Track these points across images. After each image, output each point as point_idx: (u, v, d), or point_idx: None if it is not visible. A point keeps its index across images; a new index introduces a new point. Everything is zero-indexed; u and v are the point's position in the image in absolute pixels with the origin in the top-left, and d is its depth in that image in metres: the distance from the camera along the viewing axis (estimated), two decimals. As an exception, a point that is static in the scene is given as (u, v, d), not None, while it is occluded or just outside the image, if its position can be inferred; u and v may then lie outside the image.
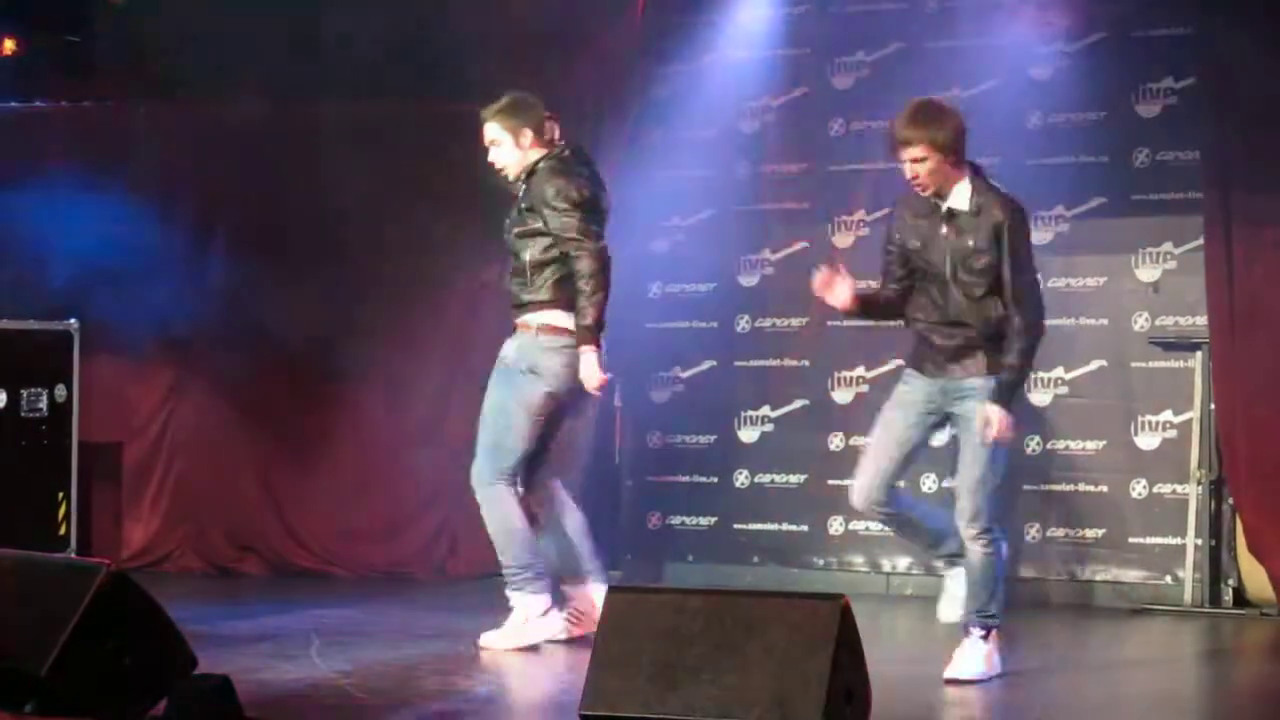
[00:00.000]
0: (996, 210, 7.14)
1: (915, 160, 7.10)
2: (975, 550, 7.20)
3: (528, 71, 10.02)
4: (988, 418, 7.08)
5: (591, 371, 7.82)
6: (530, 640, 7.94)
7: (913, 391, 7.34)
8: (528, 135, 8.06)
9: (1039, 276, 7.39)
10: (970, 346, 7.19)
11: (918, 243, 7.26)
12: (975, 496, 7.17)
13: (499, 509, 7.96)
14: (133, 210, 10.31)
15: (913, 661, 7.53)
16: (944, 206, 7.19)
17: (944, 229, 7.19)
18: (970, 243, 7.13)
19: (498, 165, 8.11)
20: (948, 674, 7.17)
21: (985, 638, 7.22)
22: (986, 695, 7.11)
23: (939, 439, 7.52)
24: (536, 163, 8.04)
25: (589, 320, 7.83)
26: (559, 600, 8.10)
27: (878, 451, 7.36)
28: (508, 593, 8.06)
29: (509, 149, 8.07)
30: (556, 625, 8.05)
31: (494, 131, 8.09)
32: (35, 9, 10.15)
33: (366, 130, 10.26)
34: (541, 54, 10.11)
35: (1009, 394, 7.14)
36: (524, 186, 8.06)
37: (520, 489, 8.05)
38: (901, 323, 7.46)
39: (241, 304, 10.44)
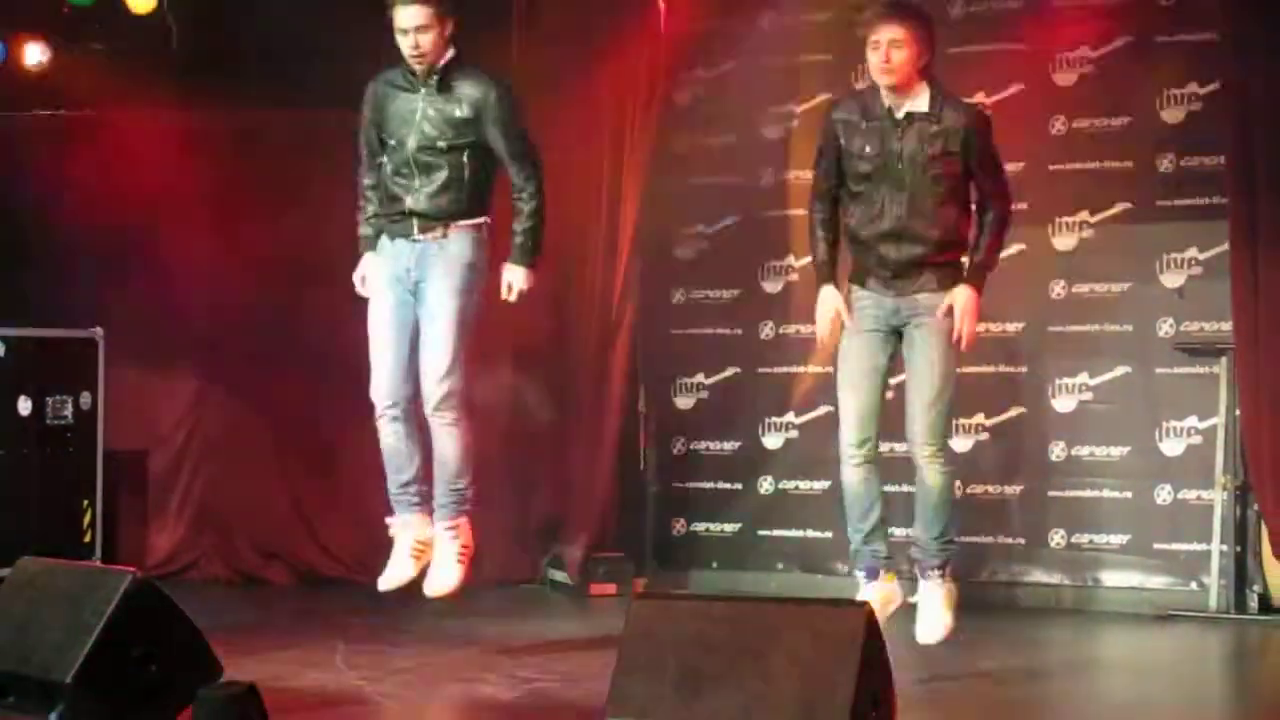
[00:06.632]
0: (961, 115, 6.99)
1: (894, 43, 6.87)
2: (932, 470, 7.05)
3: (548, 78, 10.05)
4: (952, 305, 6.92)
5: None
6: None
7: (862, 316, 7.13)
8: (450, 28, 7.51)
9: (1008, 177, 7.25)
10: (920, 261, 7.02)
11: (869, 147, 7.02)
12: (928, 415, 7.03)
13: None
14: (158, 218, 10.35)
15: (936, 669, 7.51)
16: (900, 110, 6.99)
17: (900, 133, 6.98)
18: (931, 149, 6.95)
19: (421, 52, 7.44)
20: (922, 638, 7.06)
21: (944, 573, 7.09)
22: (1011, 703, 7.10)
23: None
24: (453, 62, 7.54)
25: (537, 251, 7.66)
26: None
27: (855, 388, 7.14)
28: (457, 521, 7.77)
29: (436, 38, 7.45)
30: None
31: (423, 16, 7.42)
32: (62, 19, 10.17)
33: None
34: (563, 62, 10.12)
35: (980, 278, 7.00)
36: (437, 86, 7.53)
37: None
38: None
39: (267, 311, 10.45)
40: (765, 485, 10.28)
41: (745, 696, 5.22)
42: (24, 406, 9.79)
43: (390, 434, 7.77)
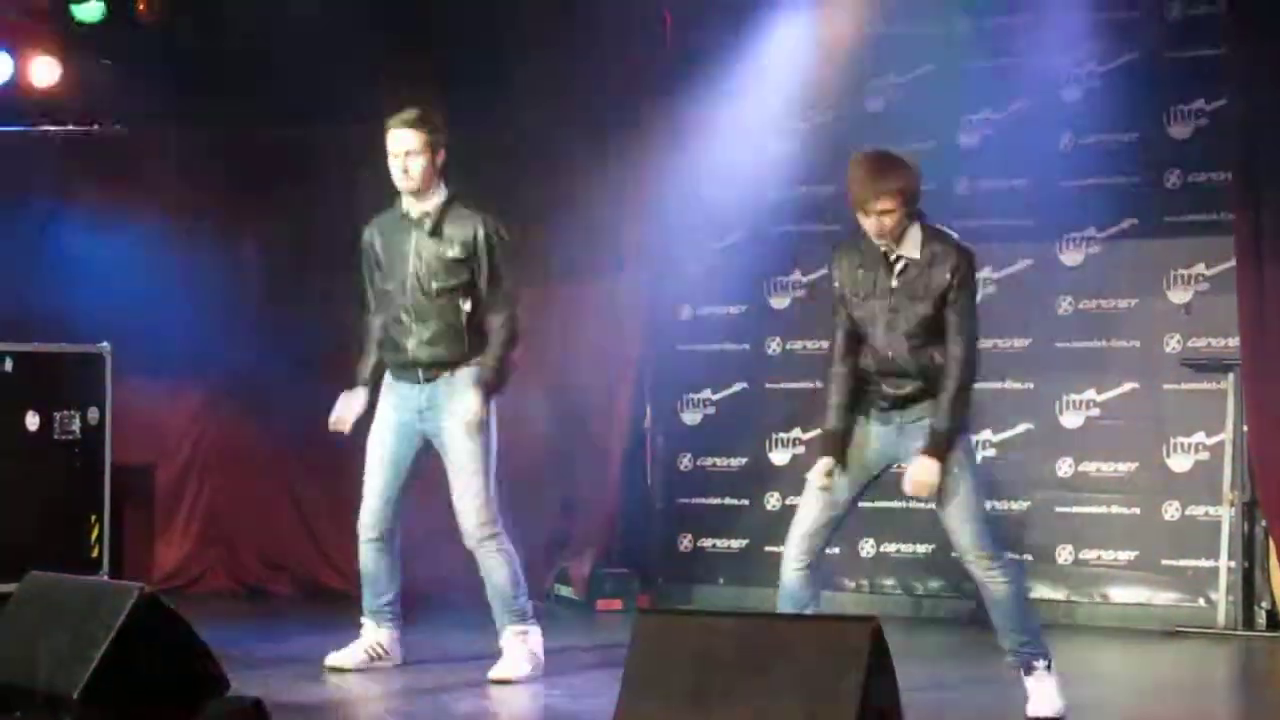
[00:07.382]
0: (950, 258, 6.86)
1: (885, 213, 6.80)
2: (994, 582, 6.88)
3: (554, 94, 10.06)
4: (915, 475, 6.81)
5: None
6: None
7: (861, 440, 7.00)
8: (442, 156, 7.64)
9: (978, 330, 7.03)
10: (916, 396, 6.92)
11: (863, 289, 6.97)
12: (969, 527, 6.87)
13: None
14: (164, 233, 10.37)
15: (943, 685, 7.50)
16: (892, 255, 6.91)
17: (892, 280, 6.91)
18: (918, 292, 6.88)
19: (411, 178, 7.58)
20: (1032, 712, 6.91)
21: (1049, 665, 6.92)
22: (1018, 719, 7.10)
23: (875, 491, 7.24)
24: (450, 200, 7.66)
25: (500, 370, 7.70)
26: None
27: (810, 505, 6.98)
28: (525, 628, 7.84)
29: (427, 165, 7.58)
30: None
31: (415, 141, 7.56)
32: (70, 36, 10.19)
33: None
34: (568, 76, 10.12)
35: (945, 446, 6.82)
36: (429, 225, 7.63)
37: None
38: None
39: (271, 325, 10.46)
40: (772, 501, 10.27)
41: (752, 713, 5.21)
42: (32, 421, 9.80)
43: (370, 560, 7.92)
